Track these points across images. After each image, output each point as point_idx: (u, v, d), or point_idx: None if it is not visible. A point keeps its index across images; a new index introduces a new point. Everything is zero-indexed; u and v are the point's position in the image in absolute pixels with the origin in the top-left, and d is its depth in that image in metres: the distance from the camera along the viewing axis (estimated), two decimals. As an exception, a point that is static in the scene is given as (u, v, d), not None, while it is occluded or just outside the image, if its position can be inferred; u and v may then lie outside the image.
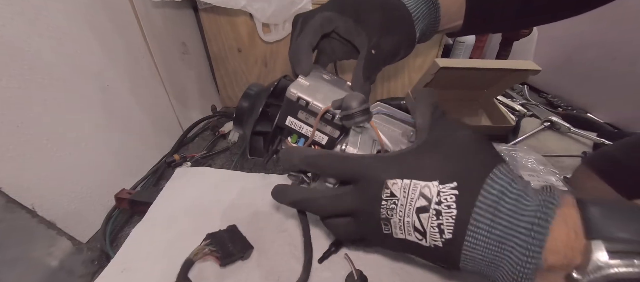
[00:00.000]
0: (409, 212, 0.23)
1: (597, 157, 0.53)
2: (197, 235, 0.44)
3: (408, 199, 0.23)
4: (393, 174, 0.24)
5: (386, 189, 0.24)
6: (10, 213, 0.37)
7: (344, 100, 0.27)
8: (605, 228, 0.19)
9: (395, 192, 0.23)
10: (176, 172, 0.55)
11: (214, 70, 0.76)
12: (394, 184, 0.23)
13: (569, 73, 0.89)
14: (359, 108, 0.26)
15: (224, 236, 0.41)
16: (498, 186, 0.22)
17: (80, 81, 0.45)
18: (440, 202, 0.22)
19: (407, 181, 0.23)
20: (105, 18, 0.49)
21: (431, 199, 0.22)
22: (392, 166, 0.24)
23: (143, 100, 0.57)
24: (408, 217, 0.23)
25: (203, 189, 0.52)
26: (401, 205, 0.23)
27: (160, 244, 0.43)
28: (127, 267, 0.40)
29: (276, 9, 0.58)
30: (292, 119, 0.32)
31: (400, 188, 0.23)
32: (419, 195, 0.23)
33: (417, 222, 0.23)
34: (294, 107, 0.31)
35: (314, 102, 0.30)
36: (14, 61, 0.36)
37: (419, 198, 0.23)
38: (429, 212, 0.22)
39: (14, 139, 0.37)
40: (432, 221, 0.22)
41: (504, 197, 0.21)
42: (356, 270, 0.38)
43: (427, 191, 0.22)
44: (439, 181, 0.22)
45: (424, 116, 0.28)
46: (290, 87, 0.31)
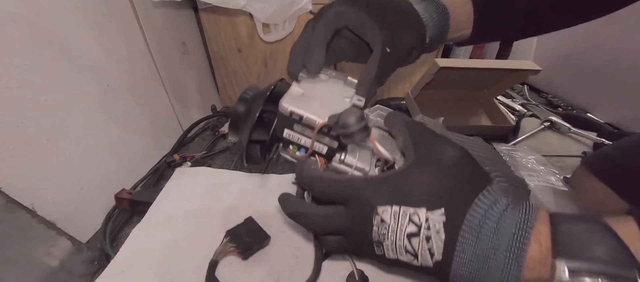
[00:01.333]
0: (400, 236, 0.24)
1: (596, 157, 0.53)
2: (197, 235, 0.44)
3: (399, 224, 0.24)
4: (383, 200, 0.24)
5: (377, 216, 0.25)
6: (10, 213, 0.37)
7: (340, 117, 0.26)
8: (569, 248, 0.21)
9: (385, 219, 0.24)
10: (176, 173, 0.55)
11: (214, 70, 0.76)
12: (385, 212, 0.24)
13: (569, 73, 0.89)
14: (356, 127, 0.25)
15: (241, 230, 0.43)
16: (481, 209, 0.23)
17: (80, 81, 0.45)
18: (429, 227, 0.23)
19: (397, 207, 0.24)
20: (105, 18, 0.49)
21: (421, 225, 0.23)
22: (382, 191, 0.25)
23: (143, 100, 0.57)
24: (400, 241, 0.24)
25: (203, 189, 0.52)
26: (392, 230, 0.24)
27: (160, 244, 0.43)
28: (128, 267, 0.40)
29: (276, 9, 0.58)
30: (289, 131, 0.30)
31: (390, 215, 0.24)
32: (408, 221, 0.24)
33: (408, 245, 0.24)
34: (289, 120, 0.30)
35: (308, 116, 0.28)
36: (14, 61, 0.36)
37: (409, 224, 0.24)
38: (419, 236, 0.24)
39: (14, 139, 0.37)
40: (423, 244, 0.24)
41: (486, 220, 0.23)
42: (357, 270, 0.38)
43: (416, 218, 0.24)
44: (427, 208, 0.23)
45: (403, 136, 0.28)
46: (282, 101, 0.29)
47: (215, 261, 0.40)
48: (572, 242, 0.21)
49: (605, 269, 0.20)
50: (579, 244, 0.21)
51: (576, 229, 0.22)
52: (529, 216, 0.22)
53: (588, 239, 0.21)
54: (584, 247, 0.21)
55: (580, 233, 0.22)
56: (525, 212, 0.23)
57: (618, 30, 0.75)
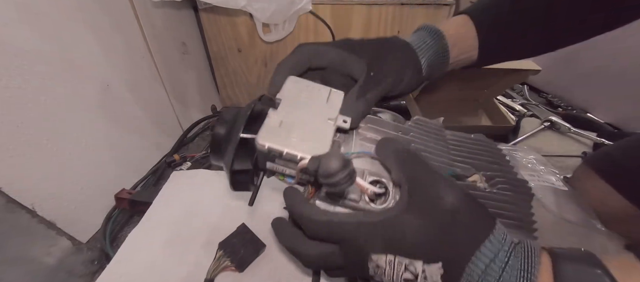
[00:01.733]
0: (397, 279, 0.24)
1: (598, 157, 0.53)
2: (193, 239, 0.44)
3: (394, 271, 0.23)
4: (377, 249, 0.24)
5: (371, 261, 0.24)
6: (10, 213, 0.37)
7: (321, 164, 0.23)
8: None
9: (380, 265, 0.24)
10: (172, 176, 0.55)
11: (214, 70, 0.76)
12: (379, 259, 0.24)
13: (569, 73, 0.89)
14: (341, 176, 0.23)
15: (234, 241, 0.41)
16: (482, 264, 0.22)
17: (80, 81, 0.45)
18: (426, 278, 0.23)
19: (392, 256, 0.23)
20: (105, 18, 0.49)
21: (417, 275, 0.23)
22: (375, 238, 0.24)
23: (143, 100, 0.57)
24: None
25: (199, 192, 0.52)
26: (388, 275, 0.24)
27: (157, 249, 0.43)
28: (124, 272, 0.40)
29: (276, 9, 0.58)
30: (271, 163, 0.28)
31: (385, 262, 0.24)
32: (404, 269, 0.23)
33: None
34: (269, 156, 0.27)
35: (288, 151, 0.26)
36: (14, 61, 0.36)
37: (405, 272, 0.23)
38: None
39: (14, 139, 0.37)
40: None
41: (487, 276, 0.22)
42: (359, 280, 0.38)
43: (412, 268, 0.23)
44: (424, 261, 0.22)
45: (395, 171, 0.26)
46: (258, 138, 0.26)
47: (211, 279, 0.38)
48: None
49: None
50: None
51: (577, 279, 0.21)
52: (531, 268, 0.22)
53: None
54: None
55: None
56: (527, 263, 0.22)
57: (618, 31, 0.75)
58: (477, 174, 0.31)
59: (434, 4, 0.64)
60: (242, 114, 0.30)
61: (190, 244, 0.43)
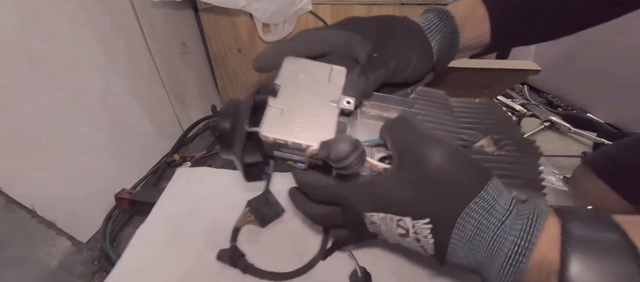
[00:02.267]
0: (392, 235, 0.26)
1: (597, 157, 0.53)
2: (201, 234, 0.44)
3: (388, 226, 0.25)
4: (368, 207, 0.26)
5: (366, 218, 0.26)
6: (10, 213, 0.37)
7: (331, 149, 0.23)
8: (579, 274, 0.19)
9: (375, 221, 0.26)
10: (177, 173, 0.55)
11: (214, 70, 0.76)
12: (372, 216, 0.26)
13: (569, 73, 0.89)
14: (352, 159, 0.23)
15: (260, 201, 0.45)
16: (473, 220, 0.22)
17: (80, 81, 0.45)
18: (416, 232, 0.24)
19: (382, 214, 0.25)
20: (105, 18, 0.49)
21: (408, 230, 0.24)
22: (366, 199, 0.26)
23: (143, 100, 0.57)
24: (393, 238, 0.26)
25: (204, 189, 0.52)
26: (384, 230, 0.26)
27: (164, 246, 0.43)
28: (132, 269, 0.40)
29: (276, 9, 0.58)
30: (278, 152, 0.28)
31: (378, 219, 0.25)
32: (396, 225, 0.25)
33: (401, 241, 0.26)
34: (275, 145, 0.27)
35: (293, 141, 0.26)
36: (14, 61, 0.36)
37: (397, 227, 0.25)
38: (409, 237, 0.25)
39: (14, 139, 0.37)
40: (414, 243, 0.25)
41: (479, 232, 0.22)
42: (360, 267, 0.38)
43: (403, 224, 0.24)
44: (412, 217, 0.23)
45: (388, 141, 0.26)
46: (262, 130, 0.26)
47: (237, 228, 0.44)
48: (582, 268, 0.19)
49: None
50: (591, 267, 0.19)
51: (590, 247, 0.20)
52: (532, 229, 0.21)
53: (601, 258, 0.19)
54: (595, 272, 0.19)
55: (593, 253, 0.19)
56: (529, 225, 0.21)
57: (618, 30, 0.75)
58: (485, 138, 0.31)
59: (434, 3, 0.64)
60: (244, 106, 0.30)
61: (198, 240, 0.43)
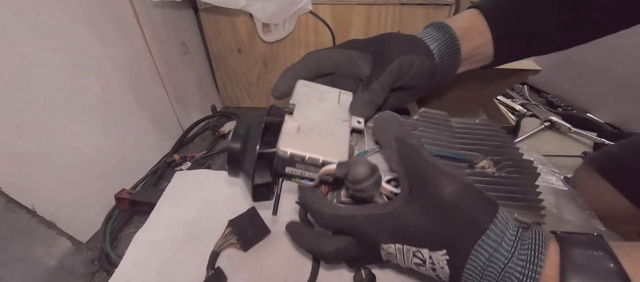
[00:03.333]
0: (407, 263, 0.26)
1: (599, 156, 0.53)
2: (198, 241, 0.43)
3: (404, 256, 0.25)
4: (385, 238, 0.25)
5: (383, 249, 0.26)
6: (10, 213, 0.37)
7: (350, 171, 0.24)
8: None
9: (391, 252, 0.26)
10: (175, 176, 0.55)
11: (214, 70, 0.76)
12: (389, 247, 0.26)
13: (569, 73, 0.89)
14: (369, 183, 0.24)
15: (244, 221, 0.44)
16: (486, 252, 0.23)
17: (80, 81, 0.45)
18: (433, 263, 0.24)
19: (400, 245, 0.25)
20: (105, 18, 0.49)
21: (425, 260, 0.25)
22: (382, 230, 0.25)
23: (143, 100, 0.57)
24: (407, 265, 0.26)
25: (203, 192, 0.52)
26: (399, 259, 0.26)
27: (163, 250, 0.43)
28: (132, 276, 0.40)
29: (276, 9, 0.58)
30: (290, 168, 0.29)
31: (395, 249, 0.25)
32: (413, 255, 0.25)
33: (416, 269, 0.26)
34: (290, 161, 0.28)
35: (311, 156, 0.27)
36: (14, 61, 0.36)
37: (413, 257, 0.25)
38: (425, 266, 0.25)
39: (14, 139, 0.37)
40: (430, 271, 0.25)
41: (490, 264, 0.23)
42: (364, 269, 0.38)
43: (420, 255, 0.24)
44: (429, 249, 0.24)
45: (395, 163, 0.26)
46: (279, 145, 0.27)
47: (216, 253, 0.41)
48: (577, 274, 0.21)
49: None
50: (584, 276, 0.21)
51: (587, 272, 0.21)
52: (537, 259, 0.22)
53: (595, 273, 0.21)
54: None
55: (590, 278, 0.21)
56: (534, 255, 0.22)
57: (618, 30, 0.75)
58: (485, 159, 0.32)
59: (434, 4, 0.64)
60: (255, 127, 0.31)
61: (196, 243, 0.43)
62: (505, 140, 0.35)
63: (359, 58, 0.32)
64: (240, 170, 0.31)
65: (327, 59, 0.33)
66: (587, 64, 0.84)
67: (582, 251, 0.22)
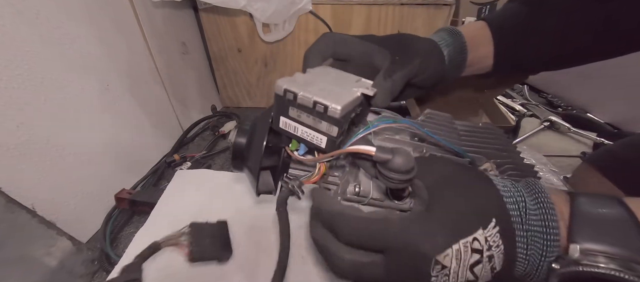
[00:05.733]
0: (462, 273, 0.21)
1: (600, 154, 0.53)
2: None
3: (461, 263, 0.21)
4: (441, 245, 0.20)
5: (437, 265, 0.20)
6: (10, 213, 0.37)
7: (394, 157, 0.22)
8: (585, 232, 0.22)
9: (447, 264, 0.20)
10: (176, 175, 0.55)
11: (214, 70, 0.76)
12: (446, 257, 0.20)
13: (569, 73, 0.89)
14: (411, 175, 0.22)
15: (207, 230, 0.38)
16: (516, 207, 0.23)
17: (80, 81, 0.45)
18: (490, 246, 0.21)
19: (457, 245, 0.21)
20: (105, 18, 0.48)
21: (482, 250, 0.21)
22: (437, 234, 0.21)
23: (143, 100, 0.57)
24: (462, 278, 0.21)
25: (203, 192, 0.52)
26: (454, 272, 0.21)
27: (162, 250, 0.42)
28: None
29: (276, 9, 0.58)
30: (284, 119, 0.27)
31: (452, 257, 0.20)
32: (471, 251, 0.21)
33: (470, 276, 0.21)
34: (284, 104, 0.26)
35: (302, 94, 0.24)
36: (14, 61, 0.36)
37: (472, 255, 0.21)
38: (482, 263, 0.21)
39: (14, 139, 0.37)
40: (485, 267, 0.22)
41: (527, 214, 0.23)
42: None
43: (477, 244, 0.21)
44: (483, 227, 0.21)
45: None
46: (278, 81, 0.25)
47: (157, 244, 0.35)
48: (589, 227, 0.22)
49: (620, 252, 0.20)
50: (596, 227, 0.22)
51: (596, 212, 0.22)
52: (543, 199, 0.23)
53: (606, 224, 0.22)
54: (600, 231, 0.21)
55: (599, 217, 0.22)
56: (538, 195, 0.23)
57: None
58: (488, 162, 0.32)
59: (434, 4, 0.64)
60: (261, 119, 0.30)
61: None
62: (507, 144, 0.36)
63: (376, 51, 0.32)
64: (245, 164, 0.31)
65: (345, 43, 0.33)
66: (587, 64, 0.84)
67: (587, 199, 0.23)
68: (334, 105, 0.23)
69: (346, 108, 0.24)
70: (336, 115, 0.23)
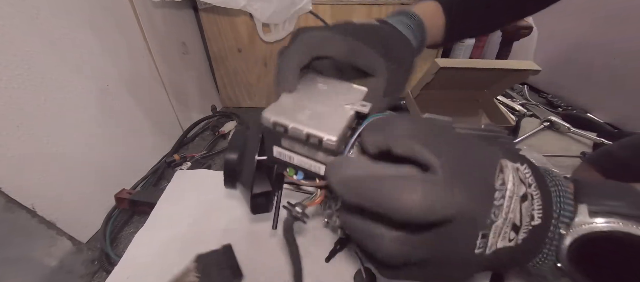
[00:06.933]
0: (515, 204, 0.19)
1: (599, 155, 0.53)
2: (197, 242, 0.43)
3: (515, 187, 0.19)
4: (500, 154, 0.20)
5: (500, 174, 0.18)
6: (10, 213, 0.37)
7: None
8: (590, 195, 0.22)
9: (507, 179, 0.18)
10: (175, 176, 0.55)
11: (214, 70, 0.76)
12: (506, 168, 0.19)
13: (568, 73, 0.89)
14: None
15: (214, 259, 0.37)
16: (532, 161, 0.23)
17: (80, 81, 0.45)
18: (529, 184, 0.20)
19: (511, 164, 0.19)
20: (105, 18, 0.49)
21: (525, 183, 0.20)
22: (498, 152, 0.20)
23: (143, 100, 0.57)
24: (512, 214, 0.19)
25: (203, 193, 0.52)
26: (510, 196, 0.18)
27: (163, 250, 0.43)
28: (131, 274, 0.40)
29: (276, 9, 0.58)
30: (278, 149, 0.25)
31: (511, 171, 0.19)
32: (519, 180, 0.19)
33: (517, 216, 0.19)
34: (275, 135, 0.24)
35: (293, 126, 0.23)
36: (14, 61, 0.36)
37: (520, 184, 0.19)
38: (527, 199, 0.19)
39: (14, 139, 0.37)
40: (528, 208, 0.20)
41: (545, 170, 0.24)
42: (365, 268, 0.38)
43: (522, 175, 0.20)
44: (520, 162, 0.21)
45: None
46: (264, 112, 0.24)
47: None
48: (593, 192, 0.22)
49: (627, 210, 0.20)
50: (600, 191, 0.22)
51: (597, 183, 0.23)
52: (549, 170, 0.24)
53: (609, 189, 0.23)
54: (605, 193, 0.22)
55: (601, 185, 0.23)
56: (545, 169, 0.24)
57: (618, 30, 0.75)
58: None
59: (434, 4, 0.64)
60: (252, 135, 0.29)
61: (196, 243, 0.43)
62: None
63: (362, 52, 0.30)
64: (237, 181, 0.30)
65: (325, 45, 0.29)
66: (587, 64, 0.84)
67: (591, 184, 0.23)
68: (328, 136, 0.22)
69: (342, 136, 0.23)
70: (332, 147, 0.22)
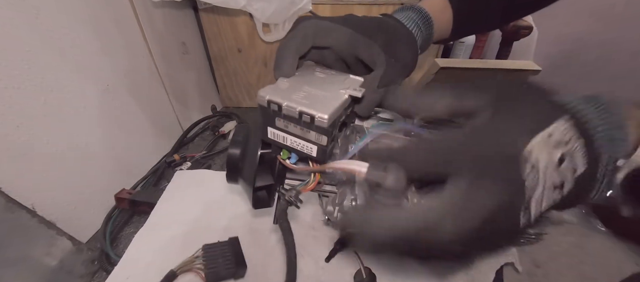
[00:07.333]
0: (551, 173, 0.18)
1: None
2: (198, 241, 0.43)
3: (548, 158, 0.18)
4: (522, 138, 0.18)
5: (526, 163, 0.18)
6: (10, 213, 0.37)
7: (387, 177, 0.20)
8: None
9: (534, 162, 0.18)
10: (175, 176, 0.55)
11: (214, 70, 0.76)
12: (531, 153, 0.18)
13: (569, 73, 0.89)
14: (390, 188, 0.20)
15: (219, 250, 0.38)
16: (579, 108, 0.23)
17: (80, 81, 0.45)
18: (568, 141, 0.19)
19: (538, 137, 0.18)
20: (105, 18, 0.49)
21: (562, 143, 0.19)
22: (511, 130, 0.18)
23: (143, 100, 0.57)
24: (549, 180, 0.18)
25: (203, 193, 0.52)
26: (543, 171, 0.18)
27: (163, 250, 0.43)
28: (131, 274, 0.40)
29: (276, 9, 0.58)
30: (272, 130, 0.26)
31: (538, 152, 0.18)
32: (553, 146, 0.18)
33: (556, 178, 0.18)
34: (269, 114, 0.25)
35: (287, 105, 0.23)
36: (14, 61, 0.36)
37: (554, 150, 0.18)
38: (565, 160, 0.19)
39: (14, 139, 0.37)
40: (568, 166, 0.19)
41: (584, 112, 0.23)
42: (365, 268, 0.38)
43: (558, 136, 0.19)
44: (555, 121, 0.19)
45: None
46: (260, 91, 0.25)
47: (174, 273, 0.36)
48: None
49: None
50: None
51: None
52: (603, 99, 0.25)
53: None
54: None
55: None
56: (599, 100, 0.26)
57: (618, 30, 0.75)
58: None
59: (434, 4, 0.64)
60: (254, 132, 0.29)
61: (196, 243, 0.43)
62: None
63: (363, 43, 0.30)
64: (239, 176, 0.30)
65: (327, 33, 0.30)
66: (587, 64, 0.84)
67: None
68: (320, 114, 0.22)
69: (334, 115, 0.23)
70: (324, 125, 0.23)
